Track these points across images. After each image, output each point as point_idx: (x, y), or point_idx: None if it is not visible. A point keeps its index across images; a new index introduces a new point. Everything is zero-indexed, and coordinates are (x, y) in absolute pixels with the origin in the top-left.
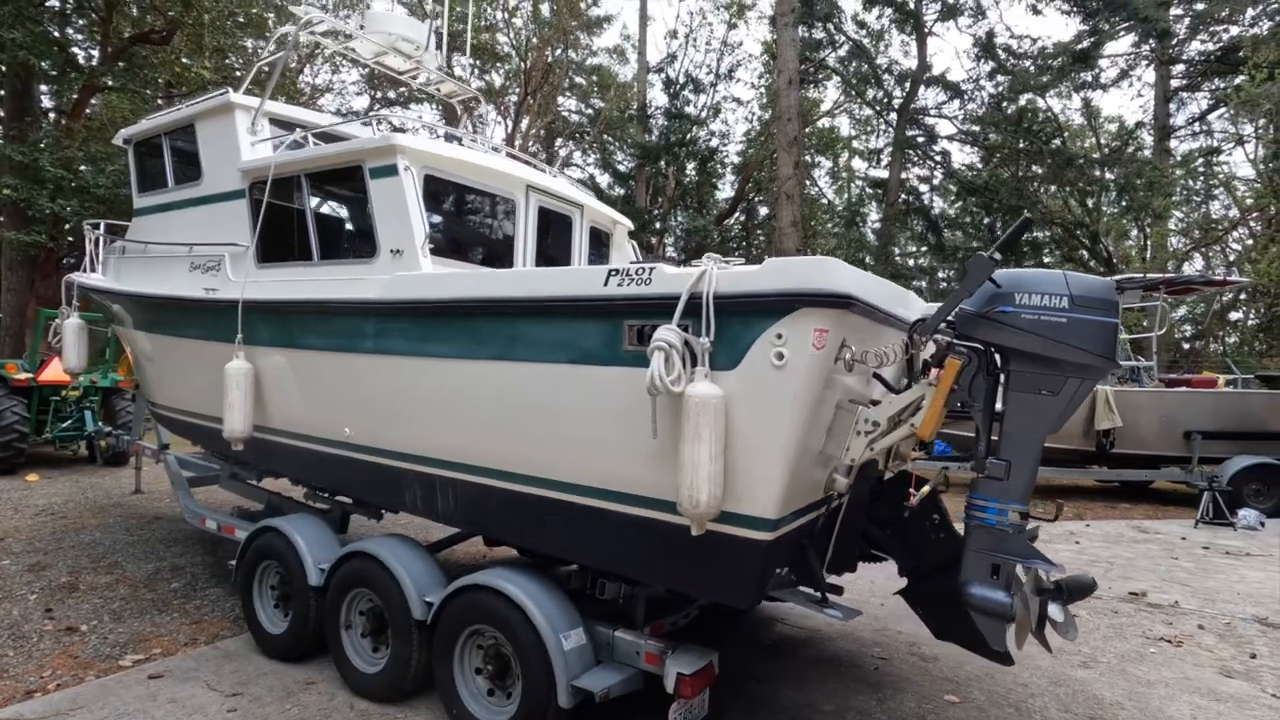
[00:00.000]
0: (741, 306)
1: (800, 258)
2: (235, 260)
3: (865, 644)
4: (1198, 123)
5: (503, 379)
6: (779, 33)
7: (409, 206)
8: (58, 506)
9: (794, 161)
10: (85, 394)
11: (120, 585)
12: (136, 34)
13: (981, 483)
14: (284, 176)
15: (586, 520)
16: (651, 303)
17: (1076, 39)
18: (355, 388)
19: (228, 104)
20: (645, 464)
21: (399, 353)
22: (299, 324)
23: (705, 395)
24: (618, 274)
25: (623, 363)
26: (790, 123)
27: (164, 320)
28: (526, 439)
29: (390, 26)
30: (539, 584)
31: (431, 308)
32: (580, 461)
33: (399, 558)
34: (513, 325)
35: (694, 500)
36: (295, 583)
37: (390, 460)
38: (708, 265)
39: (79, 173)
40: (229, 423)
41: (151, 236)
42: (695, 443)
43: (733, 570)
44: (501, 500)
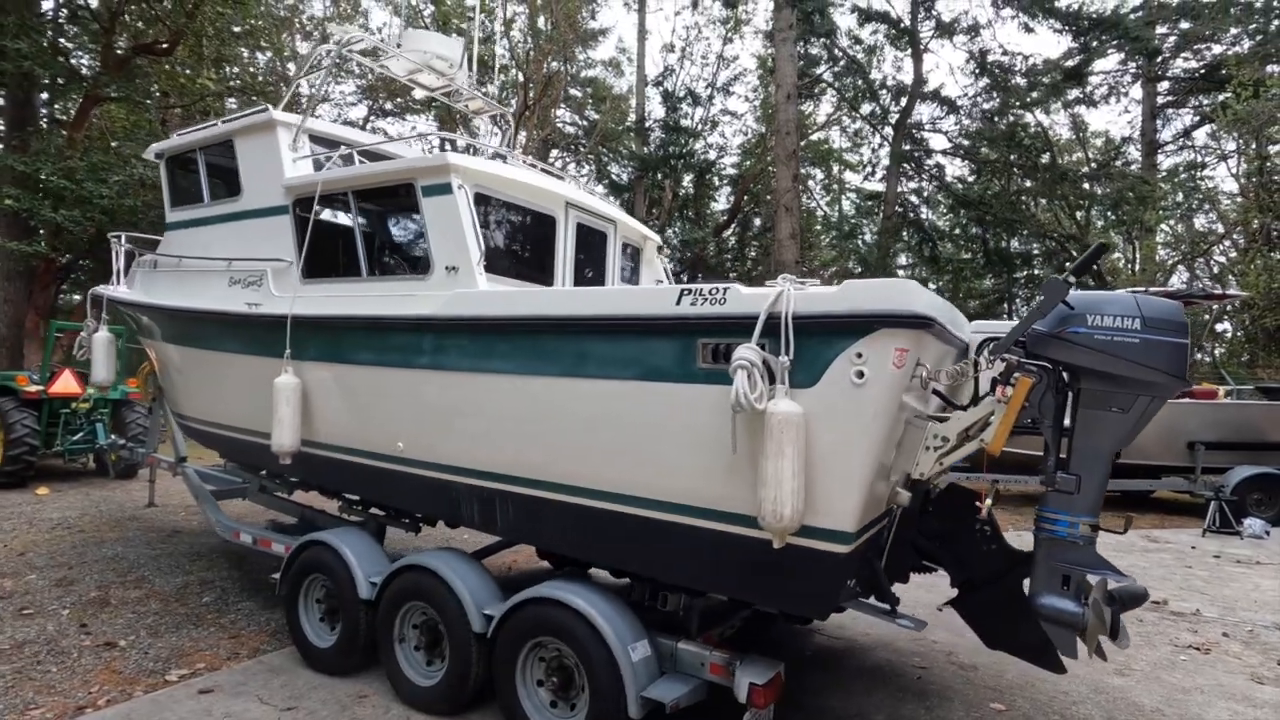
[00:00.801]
0: (820, 326)
1: (879, 280)
2: (278, 275)
3: (904, 654)
4: (1184, 138)
5: (570, 395)
6: (777, 48)
7: (464, 224)
8: (73, 520)
9: (792, 174)
10: (95, 406)
11: (151, 600)
12: (139, 45)
13: (1051, 496)
14: (331, 193)
15: (658, 534)
16: (726, 322)
17: (1066, 56)
18: (410, 402)
19: (270, 121)
20: (720, 478)
21: (458, 368)
22: (351, 339)
23: (788, 412)
24: (690, 293)
25: (696, 380)
26: (789, 136)
27: (201, 334)
28: (594, 454)
29: (426, 45)
30: (603, 596)
31: (496, 324)
32: (651, 476)
33: (456, 571)
34: (581, 342)
35: (778, 514)
36: (344, 596)
37: (445, 474)
38: (784, 286)
39: (81, 183)
40: (278, 437)
41: (186, 251)
42: (779, 458)
43: (811, 582)
44: (567, 514)
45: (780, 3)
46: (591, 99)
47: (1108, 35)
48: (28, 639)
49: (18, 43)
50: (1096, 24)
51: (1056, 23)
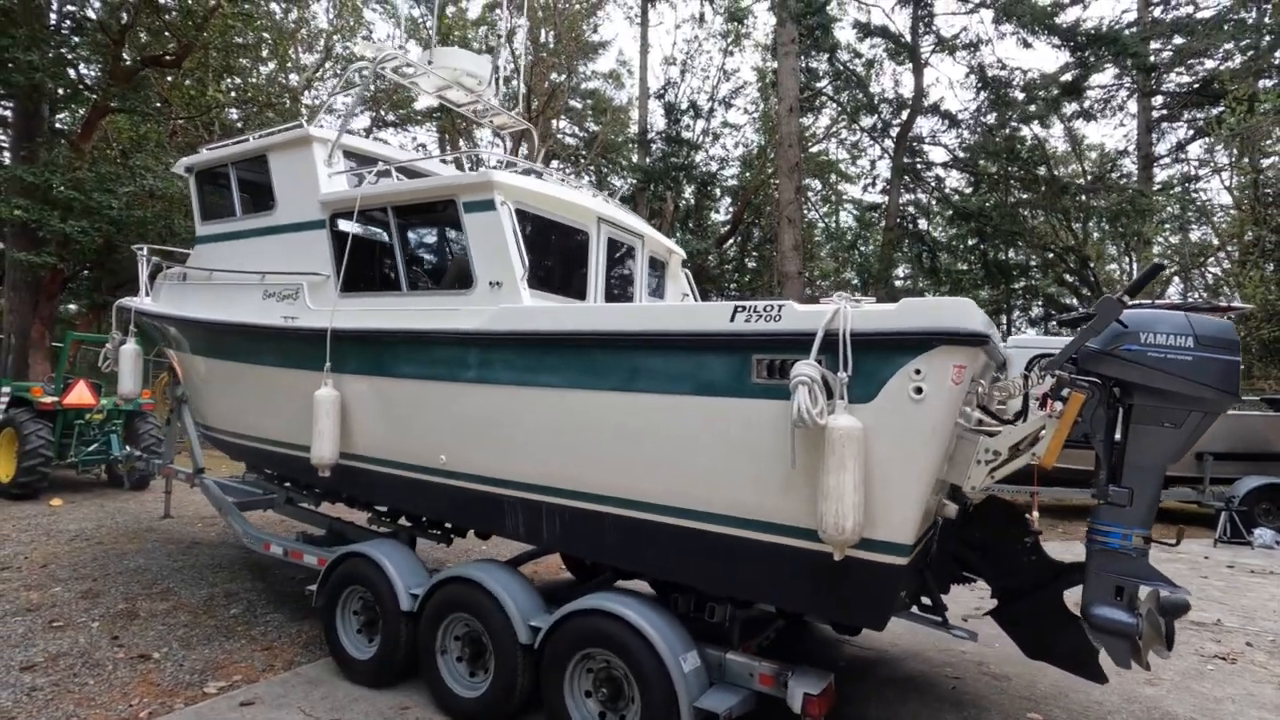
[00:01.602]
0: (877, 343)
1: (936, 298)
2: (314, 289)
3: (935, 664)
4: (1179, 151)
5: (620, 409)
6: (779, 62)
7: (508, 240)
8: (90, 531)
9: (795, 187)
10: (109, 417)
11: (179, 611)
12: (148, 57)
13: (1104, 509)
14: (370, 208)
15: (713, 546)
16: (781, 338)
17: (1062, 70)
18: (454, 415)
19: (306, 137)
20: (776, 491)
21: (505, 382)
22: (392, 353)
23: (849, 427)
24: (744, 310)
25: (751, 394)
26: (791, 149)
27: (233, 347)
28: (646, 467)
29: (456, 62)
30: (652, 608)
31: (546, 339)
32: (706, 489)
33: (500, 583)
34: (633, 357)
35: (839, 527)
36: (384, 608)
37: (490, 486)
38: (840, 303)
39: (90, 194)
40: (317, 450)
41: (217, 264)
42: (840, 472)
43: (869, 593)
44: (617, 526)
45: (784, 18)
46: (592, 111)
47: (1105, 50)
48: (61, 651)
49: (29, 54)
50: (1094, 39)
51: (1055, 38)
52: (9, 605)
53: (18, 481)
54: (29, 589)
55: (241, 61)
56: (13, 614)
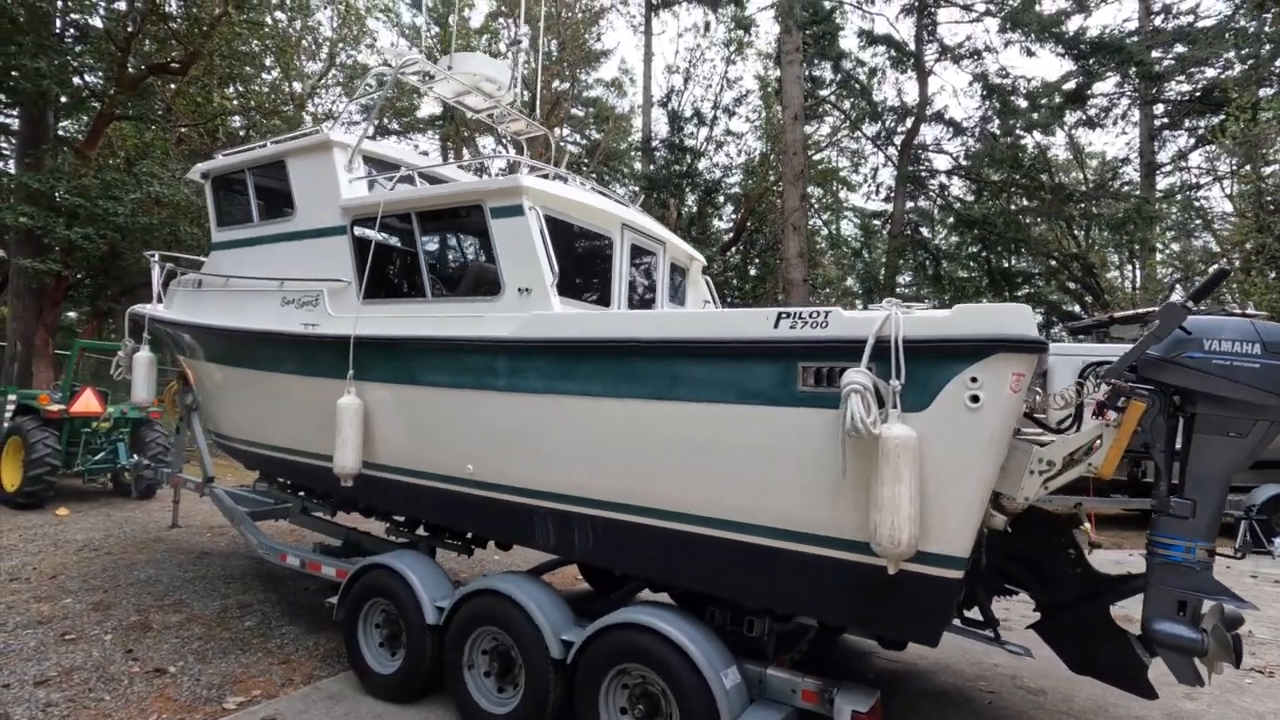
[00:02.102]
0: (931, 350)
1: (992, 304)
2: (335, 295)
3: (968, 678)
4: (1183, 159)
5: (658, 418)
6: (784, 70)
7: (537, 246)
8: (98, 542)
9: (800, 194)
10: (115, 425)
11: (193, 624)
12: (153, 64)
13: (1164, 521)
14: (394, 214)
15: (756, 558)
16: (829, 346)
17: (1064, 79)
18: (482, 425)
19: (326, 142)
20: (823, 502)
21: (537, 390)
22: (419, 360)
23: (904, 436)
24: (789, 317)
25: (797, 403)
26: (796, 156)
27: (251, 354)
28: (686, 477)
29: (475, 68)
30: (690, 622)
31: (580, 347)
32: (748, 499)
33: (531, 596)
34: (671, 365)
35: (895, 540)
36: (409, 621)
37: (519, 497)
38: (891, 310)
39: (96, 200)
40: (341, 459)
41: (233, 271)
42: (895, 484)
43: (923, 608)
44: (655, 538)
45: (789, 26)
46: (594, 119)
47: (1110, 59)
48: (75, 665)
49: (36, 61)
50: (1099, 48)
51: (1059, 47)
52: (19, 617)
53: (24, 491)
54: (39, 600)
55: (247, 69)
56: (24, 626)
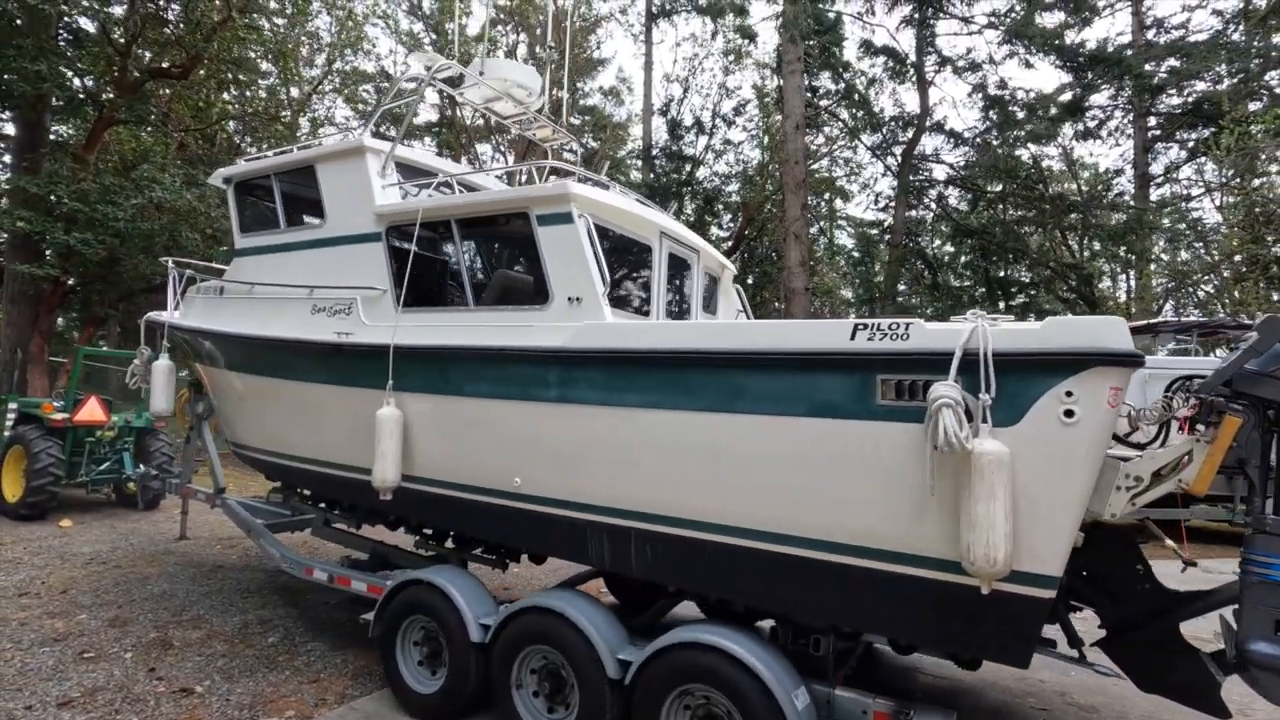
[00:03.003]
0: (1022, 363)
1: (1085, 317)
2: (369, 304)
3: (1015, 694)
4: (1173, 172)
5: (722, 431)
6: (785, 80)
7: (587, 255)
8: (105, 554)
9: (801, 203)
10: (120, 435)
11: (214, 641)
12: (155, 68)
13: (1261, 539)
14: (433, 221)
15: (825, 575)
16: (911, 358)
17: (1059, 91)
18: (531, 436)
19: (360, 147)
20: (903, 519)
21: (590, 402)
22: (462, 370)
23: (998, 452)
24: (866, 328)
25: (874, 416)
26: (797, 165)
27: (279, 363)
28: (750, 491)
29: (506, 74)
30: (756, 641)
31: (637, 357)
32: (819, 515)
33: (584, 613)
34: (736, 377)
35: (991, 559)
36: (452, 639)
37: (570, 510)
38: (976, 322)
39: (95, 205)
40: (380, 471)
41: (258, 278)
42: (990, 500)
43: (1015, 627)
44: (718, 554)
45: (794, 36)
46: (591, 127)
47: (1110, 72)
48: (98, 685)
49: (37, 65)
50: (1097, 61)
51: (1059, 59)
52: (34, 635)
53: (26, 502)
54: (52, 617)
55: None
56: (39, 644)
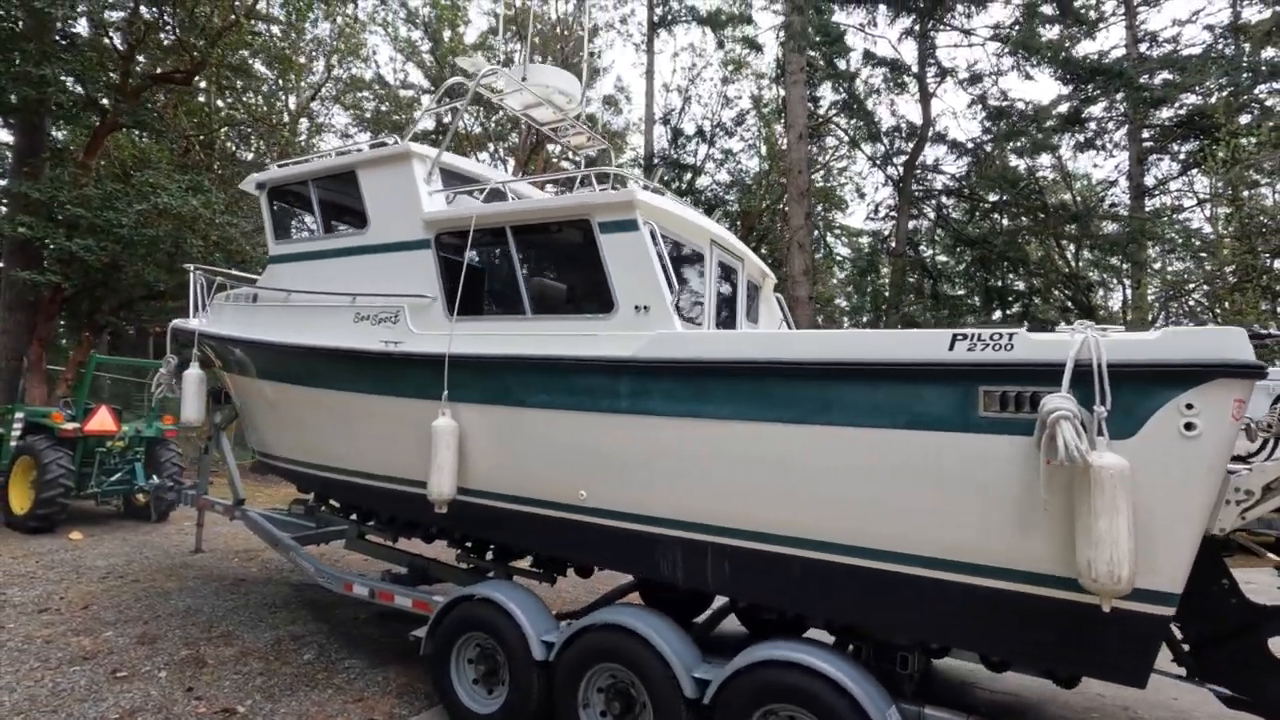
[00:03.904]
0: (1138, 375)
1: (1206, 328)
2: (417, 312)
3: (1078, 710)
4: (1166, 184)
5: (810, 443)
6: (788, 90)
7: (654, 262)
8: (121, 568)
9: (804, 212)
10: (130, 445)
11: (249, 658)
12: (158, 74)
13: None
14: (487, 228)
15: (919, 590)
16: (1017, 369)
17: (1055, 102)
18: (598, 448)
19: (406, 153)
20: (1009, 534)
21: (664, 413)
22: (523, 380)
23: (1119, 466)
24: (965, 338)
25: (977, 429)
26: (800, 175)
27: (320, 372)
28: (842, 505)
29: (548, 80)
30: (843, 659)
31: (715, 368)
32: (914, 529)
33: (657, 630)
34: (822, 388)
35: (1115, 576)
36: (512, 657)
37: (641, 525)
38: (1085, 332)
39: (98, 211)
40: (436, 484)
41: (296, 285)
42: (1113, 515)
43: (1134, 646)
44: (804, 569)
45: (802, 46)
46: None
47: (1112, 84)
48: (135, 706)
49: (41, 69)
50: (1098, 72)
51: (1061, 71)
52: (61, 653)
53: (35, 514)
54: (77, 634)
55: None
56: (68, 662)
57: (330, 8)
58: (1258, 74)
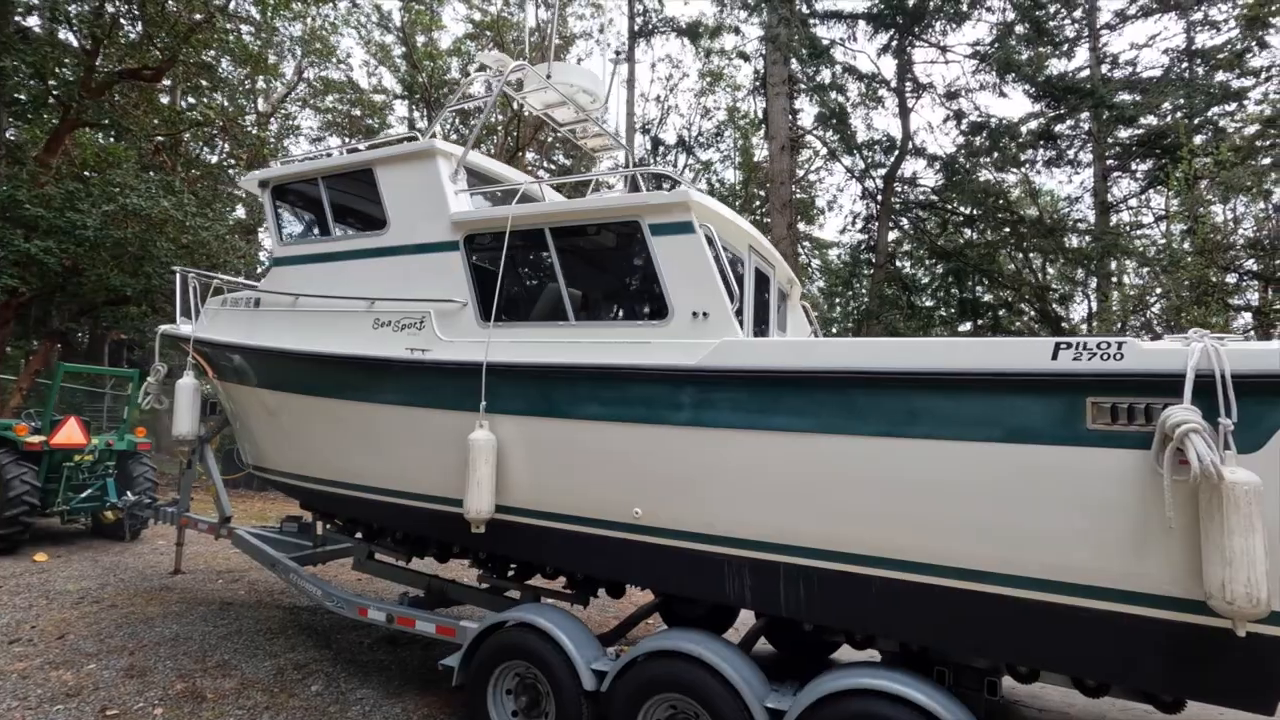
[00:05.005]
0: (1264, 386)
1: None
2: (445, 318)
3: None
4: (1128, 200)
5: (897, 457)
6: (769, 101)
7: (713, 267)
8: (95, 592)
9: (787, 223)
10: (100, 459)
11: (251, 691)
12: (126, 70)
13: None
14: (524, 229)
15: (1020, 613)
16: (1129, 380)
17: (1024, 119)
18: (655, 463)
19: (430, 150)
20: (1122, 552)
21: (733, 426)
22: (570, 390)
23: (1253, 481)
24: (1069, 347)
25: (1084, 442)
26: (783, 186)
27: (334, 381)
28: (930, 523)
29: (572, 79)
30: (931, 685)
31: (793, 378)
32: (1013, 547)
33: (723, 657)
34: (909, 399)
35: (1254, 598)
36: (559, 688)
37: (704, 544)
38: (1204, 341)
39: (61, 211)
40: (475, 501)
41: (304, 288)
42: (1249, 534)
43: (1261, 671)
44: (890, 591)
45: (787, 58)
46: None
47: (1083, 102)
48: None
49: (13, 60)
50: (1071, 91)
51: (1034, 88)
52: (41, 690)
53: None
54: (56, 667)
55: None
56: (50, 700)
57: (306, 6)
58: (1211, 97)
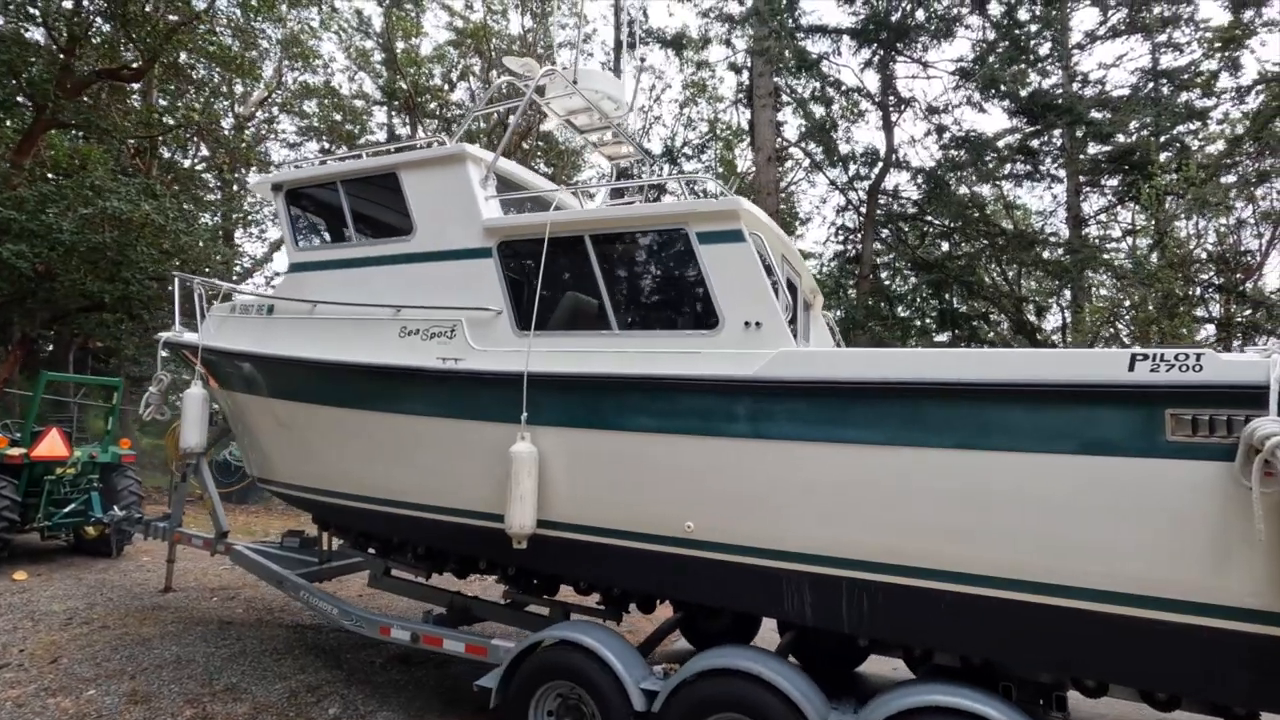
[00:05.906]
0: None
1: None
2: (477, 326)
3: None
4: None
5: (969, 470)
6: (756, 113)
7: (764, 275)
8: (84, 613)
9: None
10: (83, 471)
11: (266, 716)
12: (105, 70)
13: None
14: (564, 236)
15: (1097, 627)
16: (1209, 391)
17: (1000, 134)
18: (709, 475)
19: (460, 154)
20: (1202, 566)
21: (791, 438)
22: (618, 401)
23: None
24: (1146, 358)
25: (1163, 454)
26: (770, 197)
27: (357, 392)
28: (1006, 536)
29: (598, 85)
30: (1003, 702)
31: (861, 389)
32: (1089, 561)
33: (785, 676)
34: (981, 411)
35: None
36: (606, 708)
37: (762, 559)
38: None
39: (35, 214)
40: (518, 516)
41: (323, 295)
42: None
43: None
44: (962, 606)
45: (776, 69)
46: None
47: (1061, 118)
48: None
49: None
50: (1049, 108)
51: (1013, 104)
52: (39, 719)
53: None
54: (53, 694)
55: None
56: None
57: (288, 10)
58: (1177, 116)
